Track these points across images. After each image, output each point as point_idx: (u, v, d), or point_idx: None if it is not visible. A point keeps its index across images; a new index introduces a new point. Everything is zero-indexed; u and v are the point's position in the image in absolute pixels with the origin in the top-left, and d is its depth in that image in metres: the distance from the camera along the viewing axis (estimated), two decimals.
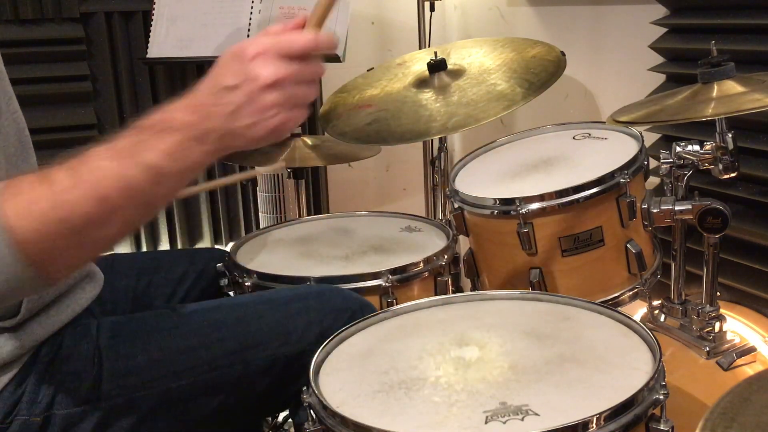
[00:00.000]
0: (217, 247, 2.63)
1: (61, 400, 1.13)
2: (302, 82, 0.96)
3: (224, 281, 1.54)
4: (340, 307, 1.31)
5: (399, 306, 1.30)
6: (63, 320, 1.18)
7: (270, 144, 0.97)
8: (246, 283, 1.51)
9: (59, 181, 0.89)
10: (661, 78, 1.92)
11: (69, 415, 1.14)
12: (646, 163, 1.53)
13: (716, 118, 1.36)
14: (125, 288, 1.48)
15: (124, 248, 2.45)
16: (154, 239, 2.59)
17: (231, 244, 1.73)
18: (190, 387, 1.20)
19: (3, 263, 0.87)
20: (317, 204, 2.74)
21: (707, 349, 1.48)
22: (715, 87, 1.36)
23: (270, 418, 1.76)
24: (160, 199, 0.96)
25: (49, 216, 0.88)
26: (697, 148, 1.44)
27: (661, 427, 0.95)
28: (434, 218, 2.17)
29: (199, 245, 2.64)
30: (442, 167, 2.19)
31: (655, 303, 1.61)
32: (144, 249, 2.56)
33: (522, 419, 0.93)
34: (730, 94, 1.32)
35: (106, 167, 0.90)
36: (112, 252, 1.58)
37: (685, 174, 1.47)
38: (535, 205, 1.47)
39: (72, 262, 0.97)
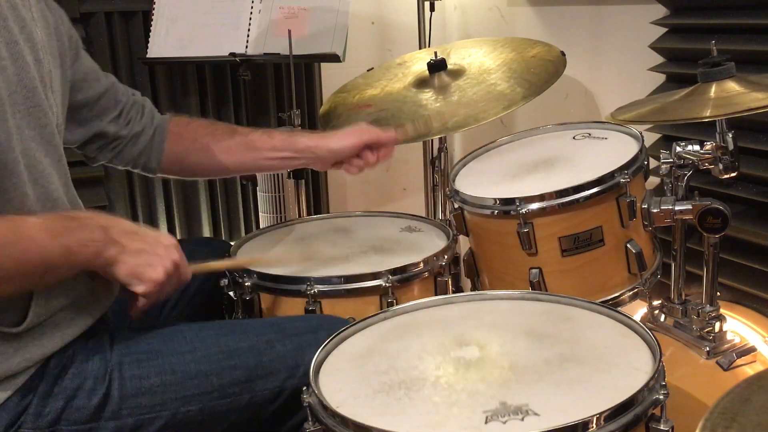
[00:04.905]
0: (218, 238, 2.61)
1: (68, 416, 1.12)
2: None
3: (224, 281, 1.54)
4: None
5: (399, 306, 1.30)
6: (75, 333, 1.17)
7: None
8: (246, 283, 1.51)
9: (2, 234, 1.02)
10: (661, 78, 1.92)
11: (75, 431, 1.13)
12: (646, 163, 1.53)
13: (716, 119, 1.36)
14: None
15: None
16: None
17: (231, 244, 1.73)
18: (198, 413, 1.20)
19: None
20: (317, 204, 2.74)
21: (707, 349, 1.48)
22: (715, 87, 1.35)
23: None
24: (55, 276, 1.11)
25: None
26: (697, 148, 1.44)
27: (661, 427, 0.95)
28: (434, 218, 2.17)
29: None
30: (442, 167, 2.19)
31: (655, 303, 1.61)
32: None
33: (522, 419, 0.93)
34: (730, 94, 1.32)
35: (37, 237, 1.05)
36: None
37: (685, 174, 1.47)
38: (535, 205, 1.47)
39: None
